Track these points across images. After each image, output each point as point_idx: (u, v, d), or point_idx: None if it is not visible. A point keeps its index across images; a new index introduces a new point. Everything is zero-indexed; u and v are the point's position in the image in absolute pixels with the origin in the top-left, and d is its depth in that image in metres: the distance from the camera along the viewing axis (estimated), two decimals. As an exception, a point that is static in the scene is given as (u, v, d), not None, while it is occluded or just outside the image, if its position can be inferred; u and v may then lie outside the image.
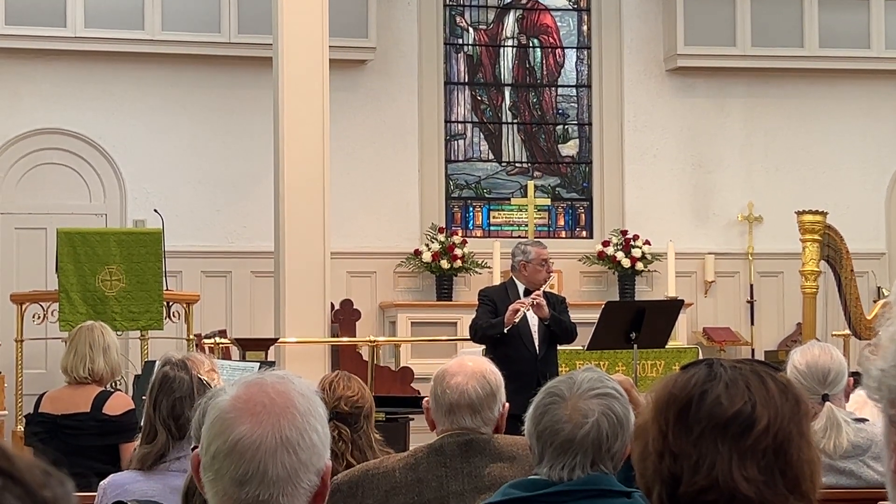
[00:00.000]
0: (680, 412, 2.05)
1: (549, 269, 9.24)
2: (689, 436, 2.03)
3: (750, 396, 2.06)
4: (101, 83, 13.87)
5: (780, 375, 2.12)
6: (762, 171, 15.10)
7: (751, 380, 2.08)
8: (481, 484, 3.74)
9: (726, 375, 2.08)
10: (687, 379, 2.09)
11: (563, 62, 15.30)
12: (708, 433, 2.03)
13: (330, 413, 4.47)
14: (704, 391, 2.07)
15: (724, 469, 2.01)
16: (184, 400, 4.13)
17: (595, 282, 14.71)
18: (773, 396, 2.07)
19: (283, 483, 2.24)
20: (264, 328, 12.50)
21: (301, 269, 11.06)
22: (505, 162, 15.12)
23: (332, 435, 4.42)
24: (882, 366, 1.64)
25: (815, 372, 4.66)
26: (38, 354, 12.55)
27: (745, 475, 2.01)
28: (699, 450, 2.02)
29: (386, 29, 14.47)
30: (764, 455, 2.03)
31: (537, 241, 9.85)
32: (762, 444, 2.03)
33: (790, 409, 2.07)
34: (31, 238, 13.54)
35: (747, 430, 2.03)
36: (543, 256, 9.20)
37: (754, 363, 2.14)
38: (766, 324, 14.99)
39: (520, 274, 9.18)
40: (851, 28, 15.04)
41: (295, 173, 11.11)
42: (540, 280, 9.13)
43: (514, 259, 9.31)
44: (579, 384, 3.15)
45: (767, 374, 2.10)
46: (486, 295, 9.37)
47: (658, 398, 2.09)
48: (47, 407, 6.30)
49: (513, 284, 9.24)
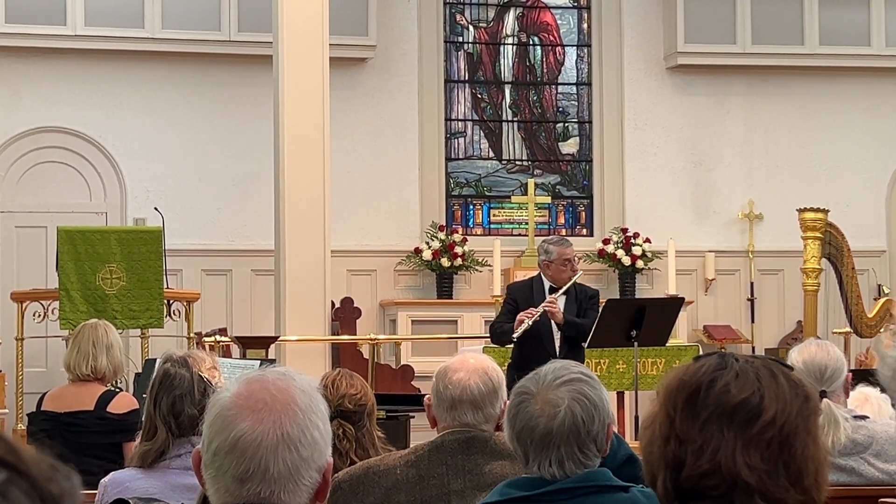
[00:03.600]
0: (689, 397, 2.07)
1: (573, 267, 9.18)
2: (695, 420, 2.05)
3: (759, 387, 2.07)
4: (102, 81, 13.88)
5: (793, 374, 2.13)
6: (762, 169, 15.10)
7: (761, 372, 2.09)
8: (482, 482, 3.74)
9: (737, 366, 2.10)
10: (698, 367, 2.11)
11: (564, 60, 15.30)
12: (714, 419, 2.04)
13: (334, 411, 4.48)
14: (714, 378, 2.08)
15: (728, 454, 2.02)
16: (184, 397, 4.13)
17: (596, 280, 14.69)
18: (783, 390, 2.08)
19: (285, 480, 2.24)
20: (265, 326, 12.50)
21: (301, 268, 11.06)
22: (505, 160, 15.12)
23: (337, 433, 4.44)
24: None
25: (812, 369, 4.67)
26: (38, 353, 12.55)
27: (747, 462, 2.02)
28: (704, 434, 2.03)
29: (386, 27, 14.47)
30: (768, 445, 2.04)
31: (563, 239, 9.74)
32: (767, 434, 2.04)
33: (799, 405, 2.08)
34: (32, 236, 13.55)
35: (754, 419, 2.05)
36: (566, 256, 9.12)
37: (767, 359, 2.15)
38: (766, 321, 14.99)
39: (545, 272, 9.16)
40: (852, 26, 15.04)
41: (295, 171, 11.11)
42: (564, 279, 9.08)
43: (539, 258, 9.29)
44: (544, 376, 3.17)
45: (779, 369, 2.12)
46: (510, 293, 9.35)
47: (668, 385, 2.11)
48: (50, 405, 6.31)
49: (539, 281, 9.21)
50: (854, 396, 5.04)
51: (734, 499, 2.03)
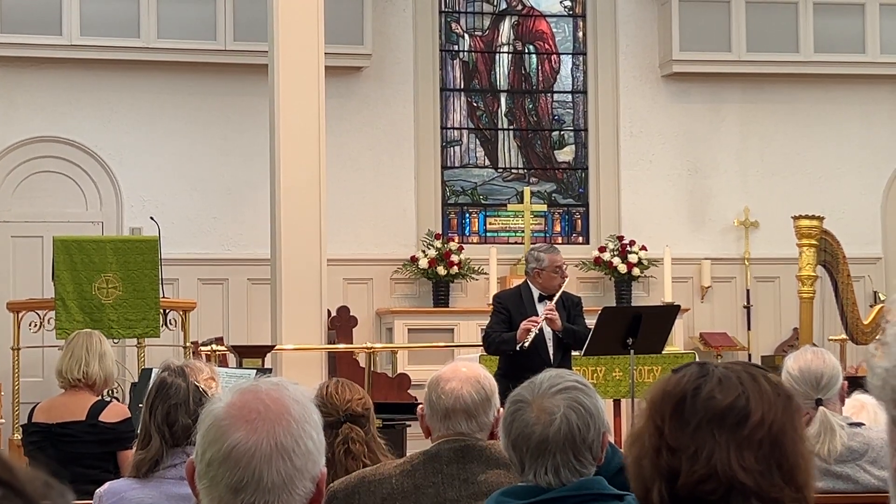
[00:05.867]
0: (675, 407, 2.07)
1: (563, 274, 9.17)
2: (685, 428, 2.05)
3: (743, 390, 2.09)
4: (97, 91, 13.88)
5: (771, 375, 2.14)
6: (758, 176, 15.11)
7: (742, 376, 2.11)
8: (477, 491, 3.74)
9: (718, 372, 2.12)
10: (680, 377, 2.12)
11: (559, 68, 15.31)
12: (705, 424, 2.05)
13: (343, 415, 4.48)
14: (698, 386, 2.09)
15: (723, 458, 2.03)
16: (179, 407, 4.13)
17: (592, 287, 14.71)
18: (766, 392, 2.09)
19: (279, 490, 2.24)
20: (261, 335, 12.49)
21: (298, 276, 11.06)
22: (501, 168, 15.13)
23: (350, 436, 4.44)
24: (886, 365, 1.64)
25: (808, 377, 4.66)
26: (34, 363, 12.54)
27: (742, 465, 2.03)
28: (696, 441, 2.04)
29: (381, 35, 14.48)
30: (760, 446, 2.05)
31: (552, 246, 9.71)
32: (758, 436, 2.05)
33: (783, 405, 2.10)
34: (28, 246, 13.54)
35: (743, 421, 2.06)
36: (557, 263, 9.10)
37: (745, 364, 2.17)
38: (762, 329, 14.99)
39: (534, 280, 9.12)
40: (846, 33, 15.05)
41: (291, 180, 11.11)
42: (555, 286, 9.05)
43: (528, 266, 9.23)
44: (539, 384, 3.18)
45: (758, 372, 2.14)
46: (500, 301, 9.25)
47: (652, 398, 2.11)
48: (41, 417, 6.30)
49: (527, 289, 9.16)
50: (850, 404, 5.03)
51: (731, 502, 2.03)
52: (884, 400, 1.65)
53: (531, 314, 8.93)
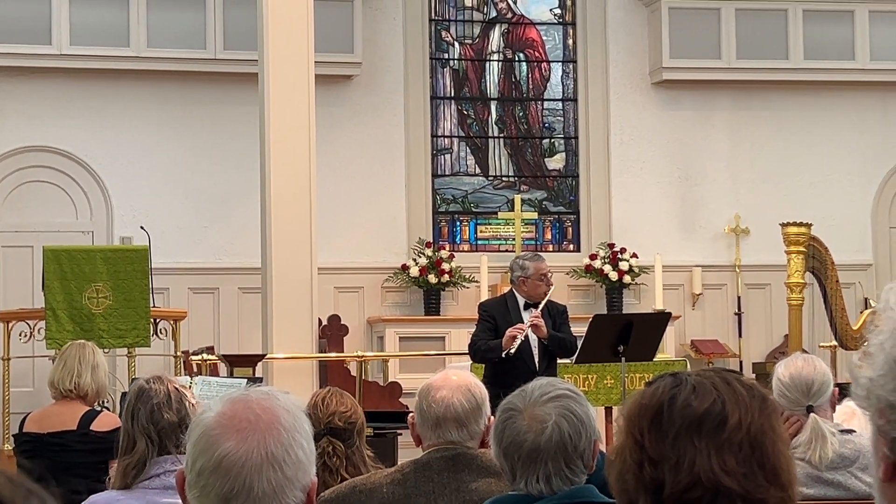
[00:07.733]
0: (653, 419, 2.08)
1: (548, 282, 9.18)
2: (665, 439, 2.06)
3: (718, 395, 2.10)
4: (87, 100, 13.86)
5: (745, 378, 2.16)
6: (748, 184, 15.13)
7: (716, 381, 2.12)
8: (468, 499, 3.74)
9: (692, 380, 2.13)
10: (654, 389, 2.13)
11: (549, 76, 15.32)
12: (683, 433, 2.06)
13: (324, 428, 4.48)
14: (673, 396, 2.10)
15: (705, 464, 2.04)
16: (161, 405, 4.09)
17: (583, 295, 14.71)
18: (741, 394, 2.11)
19: (269, 499, 2.24)
20: (252, 344, 12.48)
21: (288, 285, 11.05)
22: (492, 176, 15.14)
23: (327, 450, 4.44)
24: (870, 374, 1.64)
25: (798, 384, 4.67)
26: (25, 373, 12.52)
27: (725, 468, 2.04)
28: (677, 450, 2.04)
29: (372, 44, 14.49)
30: (741, 448, 2.06)
31: (536, 254, 9.74)
32: (737, 438, 2.06)
33: (759, 406, 2.11)
34: (18, 256, 13.51)
35: (721, 425, 2.07)
36: (542, 271, 9.11)
37: (717, 369, 2.18)
38: (753, 336, 15.00)
39: (519, 288, 9.13)
40: (836, 40, 15.08)
41: (281, 189, 11.11)
42: (540, 294, 9.06)
43: (513, 274, 9.23)
44: (531, 393, 3.18)
45: (732, 376, 2.16)
46: (486, 310, 9.25)
47: (629, 413, 2.12)
48: (32, 426, 6.30)
49: (512, 297, 9.16)
50: (841, 410, 5.03)
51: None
52: (868, 410, 1.65)
53: (517, 322, 8.93)
